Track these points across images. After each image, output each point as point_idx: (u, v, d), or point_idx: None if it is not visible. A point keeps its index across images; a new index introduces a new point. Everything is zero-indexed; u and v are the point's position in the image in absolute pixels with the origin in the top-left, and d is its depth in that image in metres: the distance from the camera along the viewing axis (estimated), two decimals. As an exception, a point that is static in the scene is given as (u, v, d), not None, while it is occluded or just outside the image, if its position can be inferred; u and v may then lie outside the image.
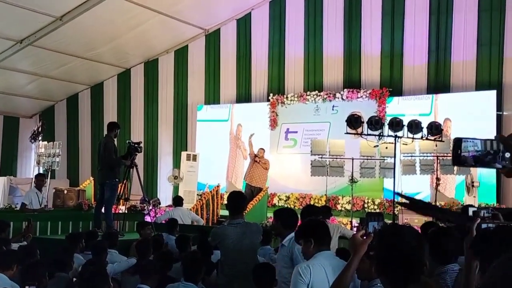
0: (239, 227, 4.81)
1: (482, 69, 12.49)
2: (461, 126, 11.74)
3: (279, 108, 14.84)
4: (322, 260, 3.37)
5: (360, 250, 2.65)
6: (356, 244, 2.68)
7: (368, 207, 12.83)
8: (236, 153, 15.54)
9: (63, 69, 16.44)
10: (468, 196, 11.17)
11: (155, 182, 17.08)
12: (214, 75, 16.37)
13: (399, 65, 13.52)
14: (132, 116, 17.80)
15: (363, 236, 2.70)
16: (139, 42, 16.05)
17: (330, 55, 14.46)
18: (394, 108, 12.96)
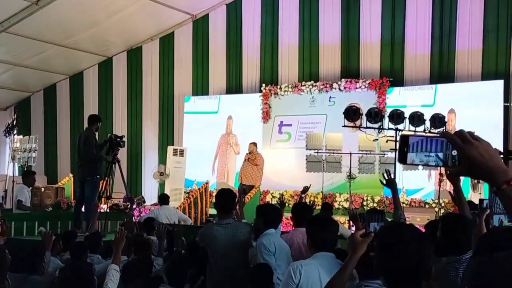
0: (228, 227, 4.75)
1: (489, 58, 12.52)
2: (466, 118, 11.77)
3: (272, 100, 14.81)
4: (319, 260, 3.42)
5: (359, 249, 2.65)
6: (355, 244, 2.68)
7: (367, 205, 12.86)
8: (227, 149, 15.52)
9: (40, 58, 16.31)
10: (474, 193, 11.21)
11: (139, 179, 17.03)
12: (202, 64, 16.30)
13: (400, 53, 13.53)
14: (114, 108, 17.71)
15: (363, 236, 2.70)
16: (121, 28, 15.95)
17: (326, 43, 14.44)
18: (395, 99, 12.97)
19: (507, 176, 1.53)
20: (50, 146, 18.75)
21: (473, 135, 1.57)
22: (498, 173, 1.53)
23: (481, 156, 1.52)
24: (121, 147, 8.85)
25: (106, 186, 9.12)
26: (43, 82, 18.62)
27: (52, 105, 18.85)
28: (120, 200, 11.10)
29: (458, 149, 1.53)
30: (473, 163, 1.52)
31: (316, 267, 3.38)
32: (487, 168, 1.53)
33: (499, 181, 1.53)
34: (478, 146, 1.53)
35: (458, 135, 1.55)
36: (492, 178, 1.54)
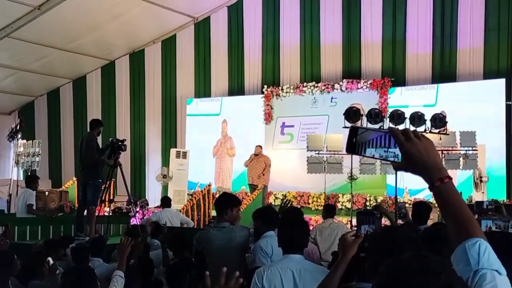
0: (224, 231, 4.73)
1: (490, 56, 12.52)
2: (468, 117, 11.76)
3: (274, 101, 14.85)
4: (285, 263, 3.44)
5: (350, 251, 2.69)
6: (346, 245, 2.72)
7: (370, 205, 12.87)
8: (222, 152, 15.61)
9: (43, 62, 16.42)
10: (476, 192, 11.21)
11: (142, 182, 17.10)
12: (204, 67, 16.37)
13: (401, 53, 13.54)
14: (117, 111, 17.80)
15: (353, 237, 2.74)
16: (123, 32, 16.04)
17: (328, 43, 14.47)
18: (396, 99, 12.99)
19: (441, 174, 1.60)
20: (54, 149, 18.86)
21: (417, 133, 1.64)
22: (433, 170, 1.60)
23: (419, 153, 1.59)
24: (122, 150, 8.90)
25: (108, 190, 9.19)
26: (46, 86, 18.73)
27: (55, 109, 18.96)
28: (123, 204, 11.18)
29: (399, 145, 1.61)
30: (411, 159, 1.60)
31: (279, 270, 3.39)
32: (423, 164, 1.60)
33: (433, 178, 1.60)
34: (418, 143, 1.60)
35: (403, 133, 1.62)
36: (427, 174, 1.61)
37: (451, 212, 1.59)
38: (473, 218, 1.61)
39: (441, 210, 1.62)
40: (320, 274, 3.35)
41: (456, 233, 1.56)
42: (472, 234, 1.53)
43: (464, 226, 1.56)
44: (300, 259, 3.46)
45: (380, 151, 1.63)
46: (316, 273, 3.37)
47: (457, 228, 1.57)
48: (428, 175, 1.61)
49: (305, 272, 3.36)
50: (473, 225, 1.57)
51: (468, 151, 10.28)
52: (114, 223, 9.74)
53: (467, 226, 1.56)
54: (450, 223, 1.59)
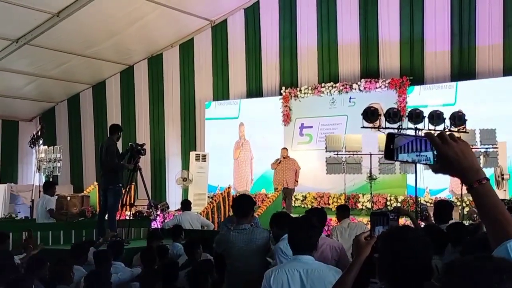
0: (245, 233, 4.77)
1: (510, 53, 12.40)
2: (488, 114, 11.66)
3: (293, 102, 14.88)
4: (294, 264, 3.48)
5: (363, 252, 2.72)
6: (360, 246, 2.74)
7: (390, 204, 12.83)
8: (242, 156, 15.69)
9: (63, 68, 16.66)
10: (498, 190, 11.11)
11: (163, 185, 17.24)
12: (222, 69, 16.46)
13: (419, 51, 13.47)
14: (137, 115, 17.97)
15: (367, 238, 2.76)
16: (141, 36, 16.20)
17: (345, 43, 14.46)
18: (415, 99, 12.92)
19: (478, 176, 1.64)
20: (75, 155, 19.11)
21: (453, 136, 1.68)
22: (470, 172, 1.64)
23: (456, 155, 1.63)
24: (142, 155, 9.01)
25: (129, 194, 9.30)
26: (66, 92, 18.99)
27: (76, 114, 19.20)
28: (144, 207, 11.29)
29: (436, 148, 1.64)
30: (448, 161, 1.63)
31: (286, 271, 3.42)
32: (460, 166, 1.64)
33: (471, 179, 1.63)
34: (455, 146, 1.64)
35: (439, 136, 1.66)
36: (464, 176, 1.64)
37: (489, 213, 1.62)
38: (511, 218, 1.63)
39: (479, 211, 1.66)
40: (329, 273, 3.38)
41: (494, 234, 1.60)
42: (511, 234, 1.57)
43: (503, 226, 1.59)
44: (309, 260, 3.46)
45: (412, 156, 1.67)
46: (325, 272, 3.38)
47: (495, 229, 1.60)
48: (466, 177, 1.64)
49: (313, 272, 3.38)
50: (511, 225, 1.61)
51: (489, 148, 10.22)
52: (135, 227, 9.84)
53: (506, 227, 1.59)
54: (488, 224, 1.63)
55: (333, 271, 3.45)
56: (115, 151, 8.68)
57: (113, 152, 8.61)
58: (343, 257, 5.18)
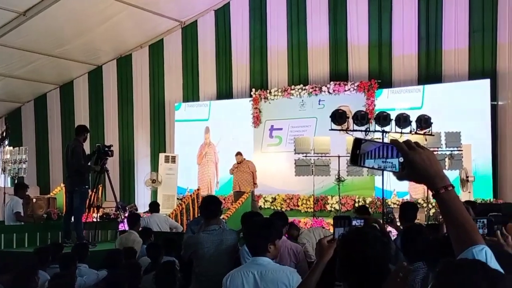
0: (215, 234, 4.76)
1: (475, 57, 12.66)
2: (454, 118, 11.89)
3: (263, 104, 14.93)
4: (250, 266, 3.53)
5: (326, 255, 2.75)
6: (322, 249, 2.78)
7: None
8: (207, 159, 15.71)
9: (29, 68, 16.41)
10: (463, 192, 11.32)
11: (132, 187, 17.12)
12: (192, 71, 16.42)
13: (387, 55, 13.67)
14: (105, 116, 17.80)
15: (330, 241, 2.80)
16: (110, 36, 16.07)
17: (315, 46, 14.57)
18: (383, 102, 13.10)
19: (444, 182, 1.68)
20: (42, 156, 18.83)
21: (419, 144, 1.71)
22: (436, 178, 1.68)
23: (423, 162, 1.66)
24: (109, 156, 8.94)
25: (95, 196, 9.22)
26: (33, 92, 18.71)
27: (43, 115, 18.94)
28: (112, 209, 11.20)
29: (403, 154, 1.67)
30: (416, 167, 1.66)
31: (241, 274, 3.47)
32: (427, 173, 1.67)
33: (437, 185, 1.67)
34: (421, 153, 1.68)
35: (406, 143, 1.69)
36: (431, 182, 1.68)
37: (454, 219, 1.66)
38: (475, 225, 1.69)
39: (445, 217, 1.69)
40: (283, 274, 3.41)
41: (459, 239, 1.64)
42: (477, 240, 1.62)
43: (467, 232, 1.63)
44: (265, 261, 3.48)
45: (378, 162, 1.68)
46: (279, 273, 3.41)
47: (460, 234, 1.64)
48: (432, 183, 1.67)
49: (267, 274, 3.41)
50: (476, 232, 1.66)
51: (454, 151, 10.41)
52: (103, 229, 9.75)
53: (471, 233, 1.64)
54: (453, 230, 1.66)
55: (288, 271, 3.48)
56: (81, 152, 8.59)
57: (80, 153, 8.52)
58: (302, 260, 5.23)
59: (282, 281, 3.33)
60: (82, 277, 5.89)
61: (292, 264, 5.09)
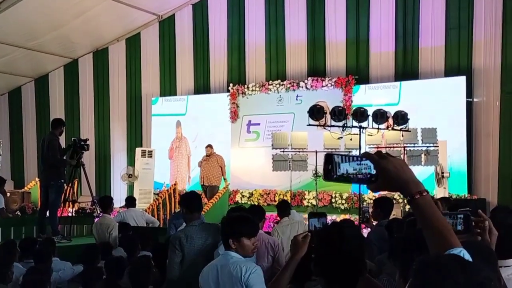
0: (202, 227, 4.70)
1: (451, 54, 12.79)
2: (430, 114, 12.00)
3: (240, 99, 14.91)
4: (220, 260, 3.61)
5: (300, 251, 2.76)
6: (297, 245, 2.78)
7: (335, 201, 13.04)
8: (178, 154, 15.66)
9: (3, 61, 16.14)
10: (439, 188, 11.45)
11: (108, 182, 16.97)
12: (169, 65, 16.32)
13: (365, 52, 13.73)
14: (81, 110, 17.62)
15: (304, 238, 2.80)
16: (86, 30, 15.87)
17: (293, 42, 14.59)
18: (360, 99, 13.16)
19: (419, 187, 1.69)
20: (16, 150, 18.58)
21: (388, 153, 1.73)
22: (411, 184, 1.69)
23: (395, 169, 1.67)
24: (85, 150, 8.86)
25: (71, 190, 9.12)
26: (7, 85, 18.42)
27: (17, 108, 18.67)
28: (87, 204, 11.09)
29: (376, 163, 1.66)
30: (389, 175, 1.66)
31: (209, 267, 3.58)
32: (401, 179, 1.67)
33: (412, 191, 1.68)
34: (393, 160, 1.68)
35: (376, 154, 1.70)
36: (406, 188, 1.68)
37: (430, 224, 1.66)
38: (451, 229, 1.69)
39: (421, 222, 1.69)
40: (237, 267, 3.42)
41: (436, 243, 1.64)
42: (454, 244, 1.62)
43: (444, 236, 1.64)
44: (230, 255, 3.52)
45: (353, 165, 1.66)
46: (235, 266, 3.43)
47: (438, 239, 1.64)
48: (407, 189, 1.68)
49: (226, 267, 3.46)
50: (452, 235, 1.66)
51: (430, 147, 10.51)
52: (78, 224, 9.65)
53: (448, 236, 1.64)
54: (430, 234, 1.66)
55: (242, 264, 3.46)
56: (57, 146, 8.49)
57: (55, 147, 8.42)
58: (279, 253, 5.24)
59: (235, 274, 3.37)
60: (58, 272, 5.83)
61: (269, 257, 5.09)
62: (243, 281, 3.35)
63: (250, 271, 3.38)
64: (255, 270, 3.41)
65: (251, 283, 3.34)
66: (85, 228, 9.69)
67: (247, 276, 3.35)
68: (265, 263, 5.15)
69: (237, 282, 3.36)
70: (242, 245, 3.53)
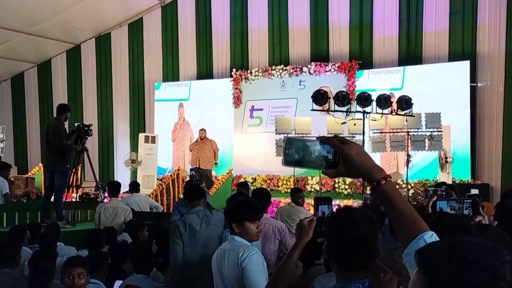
0: (202, 214, 4.68)
1: (455, 39, 12.70)
2: (433, 99, 11.95)
3: (243, 85, 14.85)
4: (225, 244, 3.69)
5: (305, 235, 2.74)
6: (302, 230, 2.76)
7: (338, 187, 13.04)
8: (181, 136, 15.64)
9: (6, 46, 16.09)
10: (442, 173, 11.44)
11: (111, 167, 16.98)
12: (172, 50, 16.25)
13: (368, 36, 13.65)
14: (84, 95, 17.59)
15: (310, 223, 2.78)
16: (88, 15, 15.79)
17: (296, 26, 14.49)
18: (364, 83, 13.11)
19: (383, 173, 1.62)
20: (20, 135, 18.59)
21: (346, 139, 1.65)
22: (375, 170, 1.62)
23: (357, 155, 1.60)
24: (89, 135, 8.84)
25: (75, 175, 9.12)
26: (10, 71, 18.38)
27: (20, 94, 18.65)
28: (91, 189, 11.10)
29: (337, 149, 1.60)
30: (352, 160, 1.59)
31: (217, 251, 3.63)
32: (364, 165, 1.61)
33: (376, 177, 1.61)
34: (354, 146, 1.62)
35: (336, 138, 1.62)
36: (369, 174, 1.61)
37: (398, 209, 1.61)
38: (417, 213, 1.63)
39: (387, 208, 1.63)
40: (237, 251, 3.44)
41: (406, 229, 1.59)
42: (423, 228, 1.58)
43: (414, 221, 1.59)
44: (234, 240, 3.55)
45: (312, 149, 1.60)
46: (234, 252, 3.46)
47: (405, 223, 1.59)
48: (371, 174, 1.61)
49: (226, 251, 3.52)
50: (420, 219, 1.61)
51: (433, 132, 10.46)
52: (82, 209, 9.67)
53: (417, 221, 1.60)
54: (399, 220, 1.61)
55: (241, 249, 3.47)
56: (63, 132, 8.46)
57: (62, 133, 8.39)
58: (286, 237, 5.25)
59: (234, 258, 3.41)
60: (63, 257, 5.83)
61: (277, 240, 5.10)
62: (240, 264, 3.37)
63: (247, 255, 3.39)
64: (253, 255, 3.41)
65: (247, 267, 3.36)
66: (89, 213, 9.69)
67: (243, 259, 3.37)
68: (272, 246, 5.18)
69: (236, 266, 3.39)
70: (245, 229, 3.53)
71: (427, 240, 1.54)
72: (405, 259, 1.58)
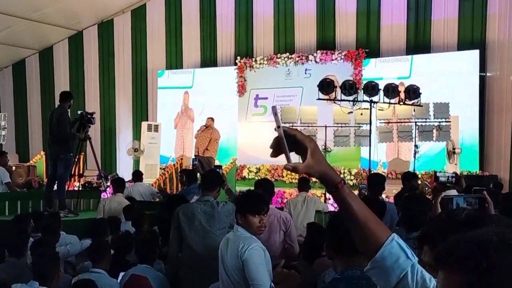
0: (208, 204, 4.65)
1: (465, 27, 12.63)
2: (442, 88, 11.90)
3: (248, 73, 14.81)
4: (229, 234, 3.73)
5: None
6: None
7: (344, 177, 13.02)
8: (184, 123, 15.63)
9: (6, 32, 16.06)
10: (450, 164, 11.41)
11: (114, 156, 17.00)
12: (175, 38, 16.20)
13: (376, 24, 13.58)
14: (86, 83, 17.57)
15: None
16: (90, 0, 15.75)
17: (302, 13, 14.42)
18: (371, 72, 13.06)
19: (339, 177, 1.53)
20: (21, 123, 18.60)
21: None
22: (333, 172, 1.53)
23: (320, 151, 1.51)
24: (92, 123, 8.82)
25: (77, 164, 9.12)
26: (11, 58, 18.37)
27: (21, 81, 18.64)
28: (93, 178, 11.12)
29: (304, 141, 1.48)
30: (320, 157, 1.49)
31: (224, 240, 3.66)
32: (326, 165, 1.51)
33: (336, 180, 1.51)
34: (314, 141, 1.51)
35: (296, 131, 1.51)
36: (330, 175, 1.51)
37: (360, 212, 1.51)
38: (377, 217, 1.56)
39: (349, 212, 1.53)
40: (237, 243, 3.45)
41: (369, 233, 1.51)
42: (387, 231, 1.52)
43: (378, 224, 1.52)
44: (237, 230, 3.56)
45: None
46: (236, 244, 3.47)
47: (369, 228, 1.50)
48: (331, 177, 1.51)
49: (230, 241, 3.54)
50: (381, 223, 1.55)
51: (442, 122, 10.42)
52: (85, 198, 9.67)
53: (381, 225, 1.53)
54: (362, 223, 1.51)
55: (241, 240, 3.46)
56: (67, 120, 8.44)
57: (65, 121, 8.36)
58: (291, 229, 5.25)
59: (235, 249, 3.43)
60: (66, 246, 5.85)
61: (282, 232, 5.10)
62: (240, 257, 3.39)
63: (247, 248, 3.38)
64: (253, 248, 3.40)
65: (247, 259, 3.36)
66: (91, 202, 9.70)
67: (243, 252, 3.38)
68: (277, 238, 5.17)
69: (236, 257, 3.41)
70: (247, 221, 3.52)
71: (398, 240, 1.49)
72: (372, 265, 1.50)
